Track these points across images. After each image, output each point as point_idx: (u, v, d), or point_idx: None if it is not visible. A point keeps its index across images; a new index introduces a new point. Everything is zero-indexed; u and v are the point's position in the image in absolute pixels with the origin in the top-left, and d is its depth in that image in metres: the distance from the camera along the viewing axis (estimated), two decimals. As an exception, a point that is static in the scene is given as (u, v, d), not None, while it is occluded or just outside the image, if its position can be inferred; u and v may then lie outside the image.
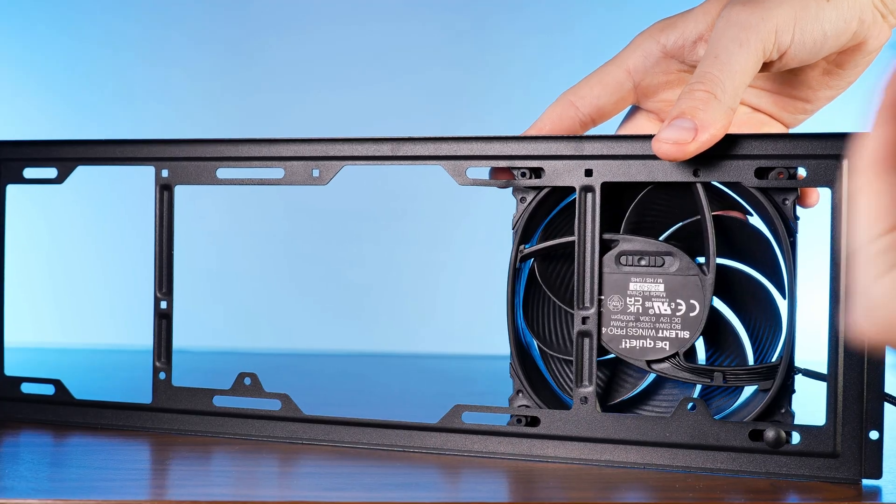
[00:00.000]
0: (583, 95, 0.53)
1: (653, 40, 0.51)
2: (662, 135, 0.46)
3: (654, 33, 0.51)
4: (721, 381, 0.48)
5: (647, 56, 0.51)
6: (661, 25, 0.51)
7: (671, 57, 0.51)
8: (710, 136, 0.45)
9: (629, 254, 0.49)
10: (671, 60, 0.51)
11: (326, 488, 0.45)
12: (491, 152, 0.51)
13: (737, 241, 0.50)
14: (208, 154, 0.56)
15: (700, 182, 0.48)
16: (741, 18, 0.46)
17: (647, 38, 0.51)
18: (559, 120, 0.53)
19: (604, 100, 0.52)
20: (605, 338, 0.50)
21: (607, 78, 0.52)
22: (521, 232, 0.51)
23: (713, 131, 0.45)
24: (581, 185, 0.50)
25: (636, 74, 0.52)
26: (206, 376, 0.58)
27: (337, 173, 0.54)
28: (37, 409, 0.59)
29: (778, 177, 0.47)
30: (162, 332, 0.57)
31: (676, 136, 0.45)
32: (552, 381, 0.53)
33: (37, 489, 0.44)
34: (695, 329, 0.49)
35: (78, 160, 0.58)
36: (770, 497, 0.44)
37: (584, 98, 0.53)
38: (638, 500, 0.46)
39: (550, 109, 0.53)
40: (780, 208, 0.47)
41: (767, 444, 0.46)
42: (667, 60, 0.51)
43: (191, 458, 0.52)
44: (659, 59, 0.51)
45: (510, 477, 0.48)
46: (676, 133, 0.45)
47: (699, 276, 0.48)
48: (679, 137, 0.45)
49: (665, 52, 0.51)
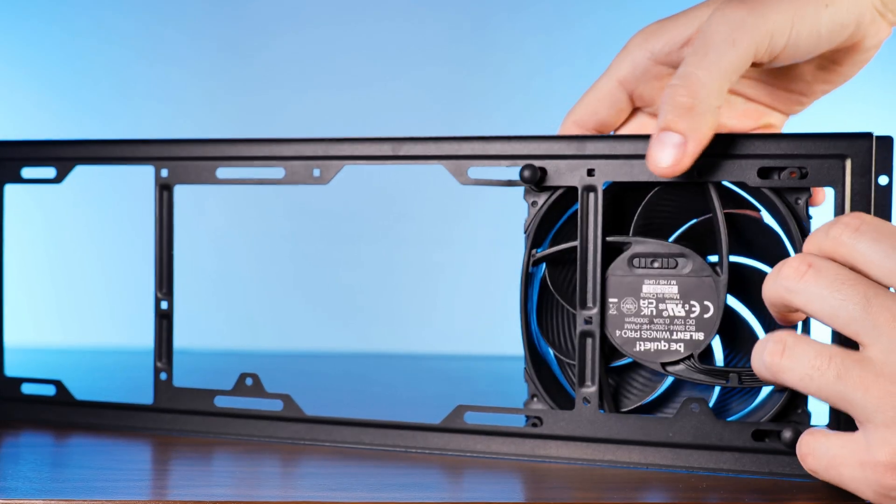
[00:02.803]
0: (581, 115, 0.53)
1: (640, 49, 0.51)
2: (654, 157, 0.45)
3: (641, 42, 0.51)
4: (737, 381, 0.48)
5: (636, 65, 0.51)
6: (648, 32, 0.51)
7: (660, 63, 0.51)
8: (699, 143, 0.45)
9: (642, 256, 0.49)
10: (661, 66, 0.51)
11: (330, 488, 0.45)
12: (493, 152, 0.51)
13: (750, 239, 0.50)
14: (208, 154, 0.55)
15: (712, 182, 0.48)
16: (737, 17, 0.45)
17: (635, 47, 0.51)
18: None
19: (602, 114, 0.53)
20: (618, 340, 0.50)
21: (601, 93, 0.52)
22: (533, 236, 0.51)
23: (700, 137, 0.45)
24: (583, 185, 0.50)
25: (628, 84, 0.52)
26: (207, 376, 0.58)
27: (338, 173, 0.54)
28: (37, 410, 0.59)
29: (790, 176, 0.46)
30: (163, 333, 0.57)
31: (668, 157, 0.45)
32: (567, 384, 0.53)
33: (39, 489, 0.44)
34: (709, 330, 0.48)
35: (76, 160, 0.58)
36: (774, 497, 0.44)
37: (584, 117, 0.53)
38: (640, 500, 0.45)
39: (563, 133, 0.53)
40: (793, 208, 0.47)
41: (785, 444, 0.46)
42: (657, 66, 0.51)
43: (193, 458, 0.52)
44: (648, 67, 0.51)
45: (513, 477, 0.48)
46: (666, 152, 0.45)
47: (713, 277, 0.48)
48: (671, 157, 0.45)
49: (654, 59, 0.51)
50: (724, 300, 0.48)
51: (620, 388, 0.52)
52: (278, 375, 0.63)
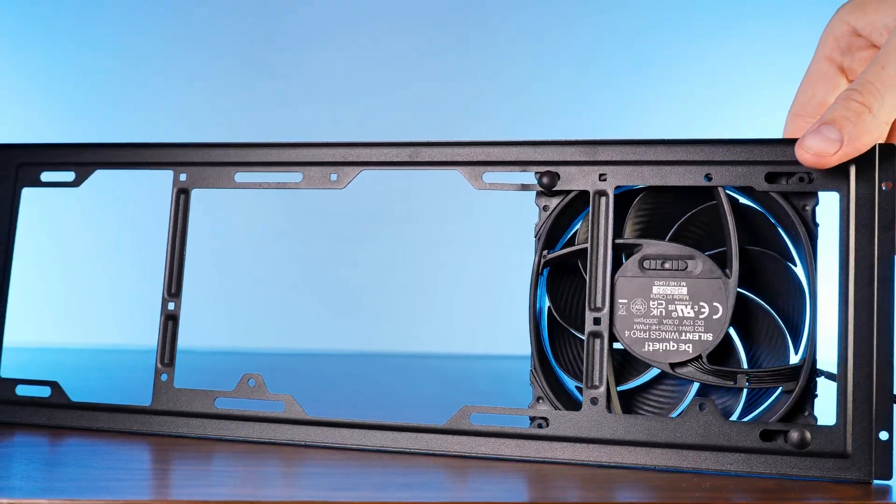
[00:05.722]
0: (800, 104, 0.53)
1: (841, 22, 0.51)
2: (806, 142, 0.46)
3: (843, 15, 0.52)
4: (745, 383, 0.48)
5: (839, 38, 0.52)
6: (851, 7, 0.51)
7: (860, 36, 0.51)
8: (855, 149, 0.45)
9: (652, 258, 0.50)
10: (861, 38, 0.51)
11: (334, 488, 0.44)
12: (507, 157, 0.52)
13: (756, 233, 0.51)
14: (227, 158, 0.56)
15: (721, 186, 0.49)
16: None
17: (837, 22, 0.52)
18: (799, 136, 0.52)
19: (819, 95, 0.53)
20: (627, 341, 0.50)
21: (814, 76, 0.53)
22: (544, 240, 0.52)
23: (858, 145, 0.45)
24: (595, 190, 0.51)
25: (835, 59, 0.52)
26: (207, 376, 0.58)
27: (355, 178, 0.55)
28: (32, 413, 0.58)
29: (799, 181, 0.48)
30: (168, 334, 0.56)
31: (819, 147, 0.45)
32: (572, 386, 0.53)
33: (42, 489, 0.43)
34: (718, 331, 0.49)
35: (97, 164, 0.59)
36: (778, 497, 0.44)
37: (802, 104, 0.53)
38: (643, 500, 0.45)
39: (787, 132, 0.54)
40: (802, 214, 0.48)
41: (792, 445, 0.46)
42: (860, 39, 0.51)
43: (193, 457, 0.51)
44: (851, 40, 0.51)
45: (518, 477, 0.48)
46: (820, 143, 0.45)
47: (722, 279, 0.49)
48: (822, 149, 0.45)
49: (853, 31, 0.51)
50: (734, 302, 0.49)
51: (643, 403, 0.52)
52: (279, 375, 0.63)
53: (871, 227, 0.47)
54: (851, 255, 0.47)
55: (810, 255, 0.48)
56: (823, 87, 0.53)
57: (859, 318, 0.46)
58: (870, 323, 0.46)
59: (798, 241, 0.49)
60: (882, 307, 0.46)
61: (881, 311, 0.46)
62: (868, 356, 0.46)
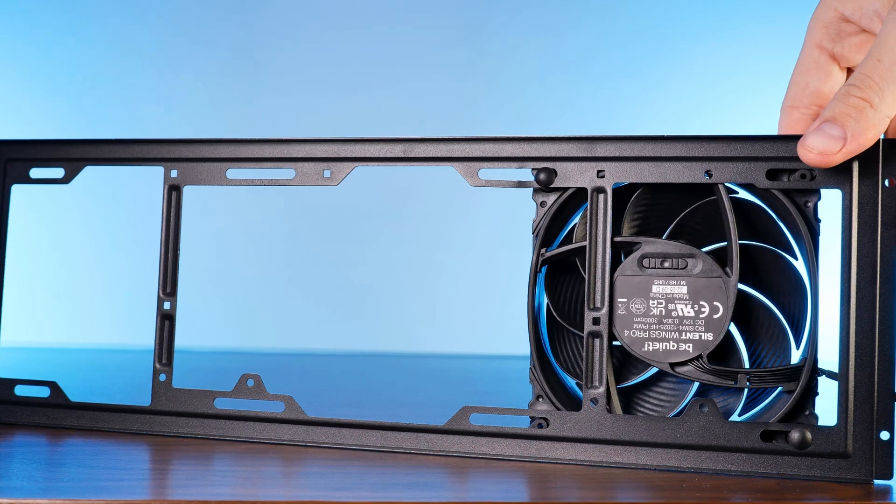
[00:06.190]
0: (793, 94, 0.52)
1: (829, 9, 0.51)
2: (809, 142, 0.45)
3: (830, 1, 0.51)
4: (745, 382, 0.48)
5: (828, 25, 0.51)
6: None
7: (849, 21, 0.50)
8: (859, 145, 0.44)
9: (652, 256, 0.50)
10: (850, 24, 0.50)
11: (333, 488, 0.44)
12: (503, 153, 0.51)
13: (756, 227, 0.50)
14: (218, 154, 0.56)
15: (722, 183, 0.48)
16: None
17: (824, 9, 0.51)
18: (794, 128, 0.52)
19: (812, 84, 0.52)
20: (627, 340, 0.50)
21: (805, 65, 0.52)
22: (542, 237, 0.51)
23: (862, 141, 0.44)
24: (593, 187, 0.50)
25: (826, 45, 0.51)
26: (207, 376, 0.58)
27: (348, 174, 0.54)
28: (30, 413, 0.58)
29: (801, 178, 0.47)
30: (164, 334, 0.56)
31: (823, 146, 0.44)
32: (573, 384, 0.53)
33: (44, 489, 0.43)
34: (718, 331, 0.49)
35: (86, 160, 0.58)
36: (779, 497, 0.44)
37: (796, 95, 0.52)
38: (643, 500, 0.45)
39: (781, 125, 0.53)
40: (803, 211, 0.48)
41: (793, 445, 0.46)
42: (849, 25, 0.50)
43: (193, 457, 0.51)
44: (840, 26, 0.50)
45: (519, 477, 0.48)
46: (824, 142, 0.44)
47: (722, 278, 0.48)
48: (825, 147, 0.44)
49: (842, 17, 0.50)
50: (734, 301, 0.48)
51: (643, 401, 0.52)
52: (279, 375, 0.62)
53: (874, 224, 0.46)
54: (853, 253, 0.46)
55: (812, 252, 0.48)
56: (816, 75, 0.52)
57: (861, 316, 0.46)
58: (871, 322, 0.46)
59: (799, 238, 0.48)
60: (884, 306, 0.46)
61: (883, 310, 0.46)
62: (869, 355, 0.46)
